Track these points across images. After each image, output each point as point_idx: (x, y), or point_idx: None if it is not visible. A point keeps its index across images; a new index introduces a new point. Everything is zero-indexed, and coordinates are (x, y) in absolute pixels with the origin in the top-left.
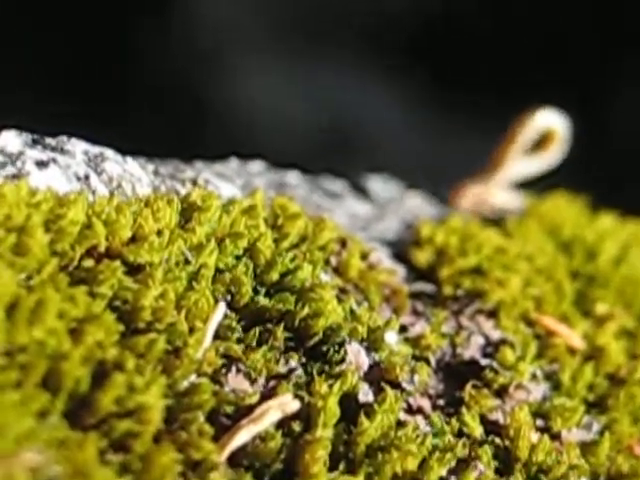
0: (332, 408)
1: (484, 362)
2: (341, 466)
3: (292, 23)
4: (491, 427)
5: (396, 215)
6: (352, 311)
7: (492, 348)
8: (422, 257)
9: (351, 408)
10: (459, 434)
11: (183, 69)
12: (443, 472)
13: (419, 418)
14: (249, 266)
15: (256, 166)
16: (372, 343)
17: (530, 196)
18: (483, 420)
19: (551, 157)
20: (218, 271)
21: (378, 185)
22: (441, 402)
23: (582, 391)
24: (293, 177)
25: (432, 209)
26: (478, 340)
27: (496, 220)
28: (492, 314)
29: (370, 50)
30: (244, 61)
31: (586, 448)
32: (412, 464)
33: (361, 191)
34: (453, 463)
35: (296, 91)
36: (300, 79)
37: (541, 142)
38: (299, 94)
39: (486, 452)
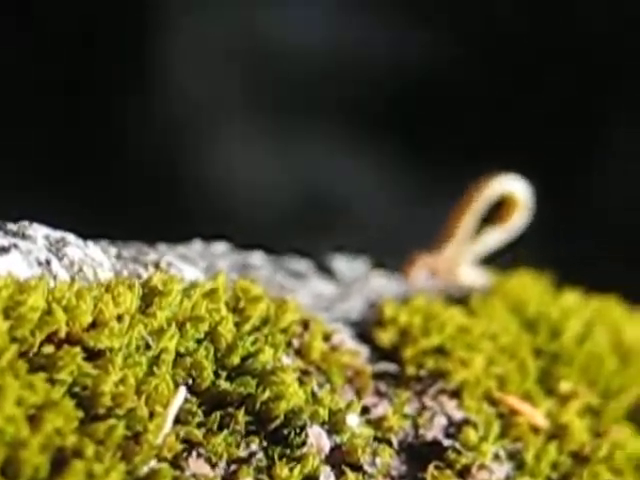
0: None
1: (447, 443)
2: None
3: (271, 97)
4: None
5: (360, 295)
6: (314, 394)
7: (455, 428)
8: (385, 337)
9: None
10: None
11: (162, 145)
12: None
13: None
14: (210, 350)
15: (220, 247)
16: (333, 426)
17: (494, 272)
18: None
19: (512, 226)
20: (179, 355)
21: (343, 264)
22: None
23: (546, 470)
24: (257, 258)
25: (397, 287)
26: (441, 421)
27: (460, 298)
28: (455, 394)
29: (346, 120)
30: (221, 135)
31: None
32: None
33: (326, 271)
34: None
35: (274, 164)
36: (280, 152)
37: (502, 210)
38: (277, 167)
39: None
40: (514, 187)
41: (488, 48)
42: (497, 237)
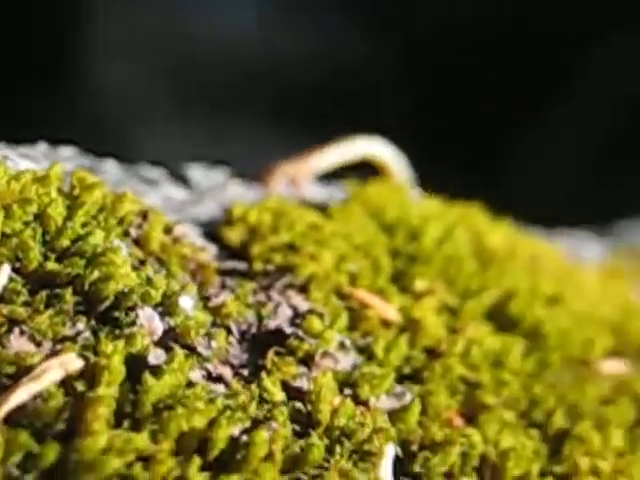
0: (117, 367)
1: (289, 330)
2: (125, 424)
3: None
4: (294, 394)
5: (214, 201)
6: (148, 278)
7: (300, 319)
8: (234, 235)
9: (140, 370)
10: (259, 400)
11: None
12: (235, 431)
13: (220, 386)
14: (38, 231)
15: (68, 151)
16: (167, 308)
17: (354, 182)
18: (286, 387)
19: None
20: (4, 236)
21: (199, 173)
22: (244, 371)
23: (395, 362)
24: (109, 165)
25: (254, 195)
26: (286, 311)
27: (318, 204)
28: (303, 288)
29: (271, 115)
30: (147, 130)
31: (395, 415)
32: (200, 422)
33: (180, 178)
34: (247, 423)
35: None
36: (204, 150)
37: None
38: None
39: (282, 413)
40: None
41: (409, 48)
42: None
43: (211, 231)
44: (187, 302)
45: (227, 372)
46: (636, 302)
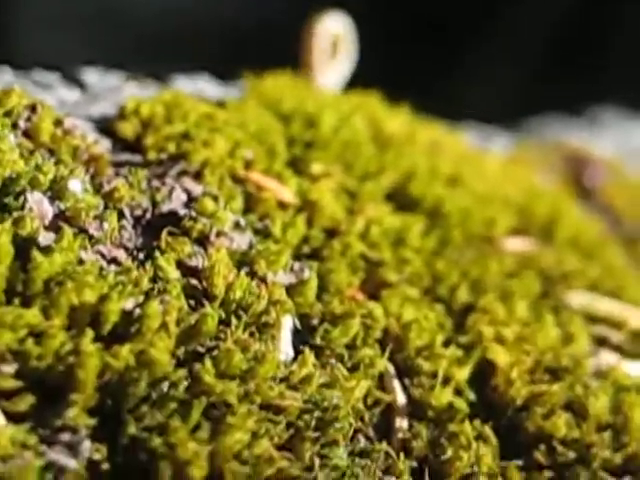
0: (4, 246)
1: (183, 212)
2: (16, 301)
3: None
4: (190, 272)
5: (109, 101)
6: (37, 165)
7: (194, 203)
8: (127, 129)
9: (30, 250)
10: (153, 277)
11: None
12: (127, 304)
13: (114, 268)
14: None
15: None
16: (56, 193)
17: (251, 77)
18: (181, 265)
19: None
20: None
21: (94, 76)
22: (139, 254)
23: (294, 240)
24: (2, 71)
25: (152, 93)
26: (180, 196)
27: (215, 100)
28: (198, 175)
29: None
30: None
31: (293, 289)
32: (90, 296)
33: (75, 82)
34: (140, 298)
35: None
36: None
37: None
38: None
39: (175, 287)
40: (339, 26)
41: None
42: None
43: (105, 128)
44: (76, 185)
45: (121, 254)
46: (540, 184)
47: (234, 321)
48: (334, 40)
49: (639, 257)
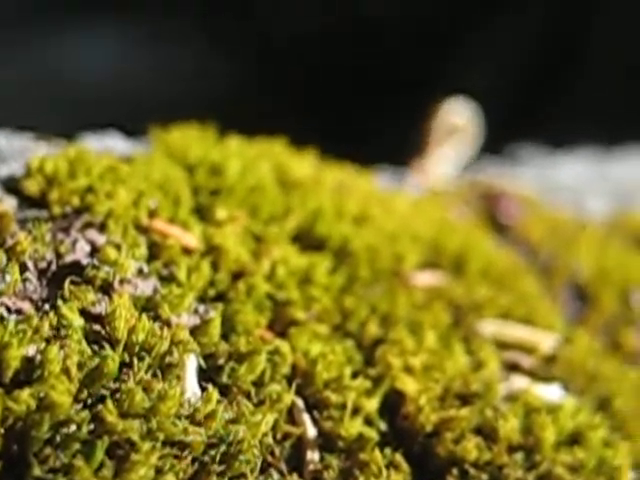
0: None
1: (86, 262)
2: None
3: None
4: (93, 318)
5: (19, 162)
6: None
7: (98, 252)
8: (32, 186)
9: None
10: (57, 325)
11: None
12: (29, 351)
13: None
14: None
15: None
16: None
17: (157, 130)
18: (85, 313)
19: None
20: None
21: (2, 139)
22: (44, 305)
23: (199, 284)
24: None
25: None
26: (84, 246)
27: (123, 155)
28: (102, 226)
29: None
30: None
31: (197, 330)
32: None
33: None
34: (42, 344)
35: None
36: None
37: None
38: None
39: (77, 332)
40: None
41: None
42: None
43: (12, 187)
44: None
45: (26, 306)
46: (452, 220)
47: (137, 363)
48: (453, 129)
49: (554, 286)
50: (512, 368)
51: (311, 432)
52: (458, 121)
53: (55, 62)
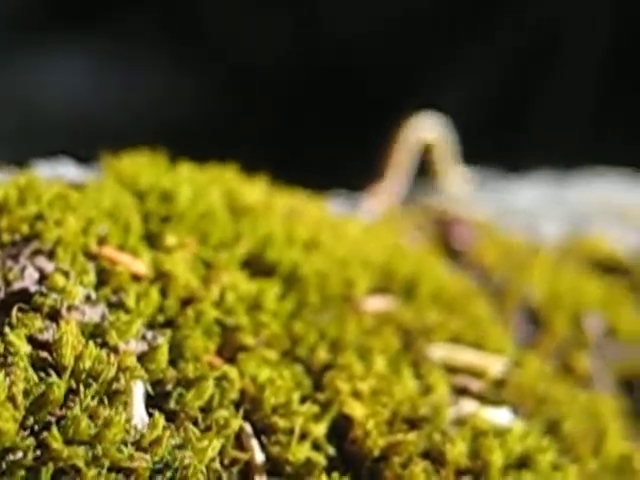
0: None
1: (34, 289)
2: None
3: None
4: (40, 346)
5: None
6: None
7: (46, 280)
8: None
9: None
10: (4, 353)
11: None
12: None
13: None
14: None
15: None
16: None
17: (108, 156)
18: (33, 340)
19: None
20: None
21: None
22: None
23: (147, 311)
24: None
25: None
26: (32, 274)
27: (74, 183)
28: (51, 253)
29: None
30: None
31: (145, 357)
32: None
33: None
34: None
35: None
36: None
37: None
38: None
39: (22, 359)
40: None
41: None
42: None
43: None
44: None
45: None
46: (404, 245)
47: (83, 390)
48: (422, 146)
49: (506, 310)
50: (461, 392)
51: (259, 457)
52: (427, 136)
53: (8, 89)
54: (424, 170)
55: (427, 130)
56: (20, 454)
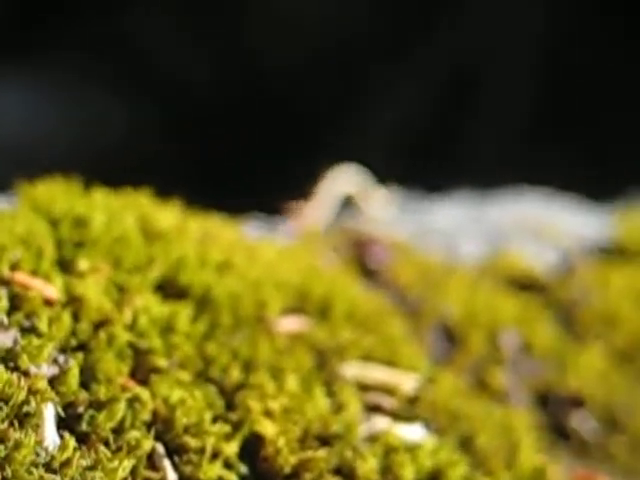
0: None
1: None
2: None
3: None
4: None
5: None
6: None
7: None
8: None
9: None
10: None
11: None
12: None
13: None
14: None
15: None
16: None
17: (23, 184)
18: None
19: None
20: None
21: None
22: None
23: (59, 335)
24: None
25: None
26: None
27: None
28: None
29: None
30: None
31: (56, 380)
32: None
33: None
34: None
35: None
36: None
37: None
38: None
39: None
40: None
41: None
42: None
43: None
44: None
45: None
46: (319, 266)
47: None
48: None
49: (421, 328)
50: (374, 409)
51: (171, 477)
52: (349, 190)
53: None
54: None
55: (349, 182)
56: None
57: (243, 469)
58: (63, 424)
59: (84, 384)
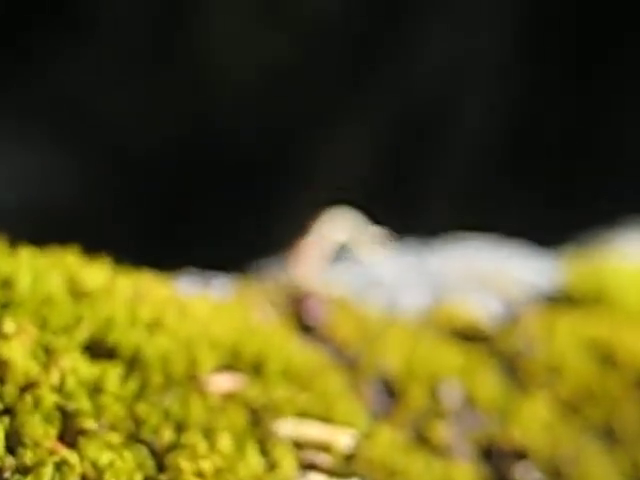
0: None
1: None
2: None
3: None
4: None
5: None
6: None
7: None
8: None
9: None
10: None
11: None
12: None
13: None
14: None
15: None
16: None
17: None
18: None
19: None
20: None
21: None
22: None
23: None
24: None
25: None
26: None
27: None
28: None
29: None
30: None
31: None
32: None
33: None
34: None
35: None
36: None
37: None
38: None
39: None
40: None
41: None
42: None
43: None
44: None
45: None
46: (255, 323)
47: None
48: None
49: (359, 382)
50: (309, 467)
51: None
52: (340, 237)
53: None
54: None
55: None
56: None
57: None
58: None
59: (10, 449)
